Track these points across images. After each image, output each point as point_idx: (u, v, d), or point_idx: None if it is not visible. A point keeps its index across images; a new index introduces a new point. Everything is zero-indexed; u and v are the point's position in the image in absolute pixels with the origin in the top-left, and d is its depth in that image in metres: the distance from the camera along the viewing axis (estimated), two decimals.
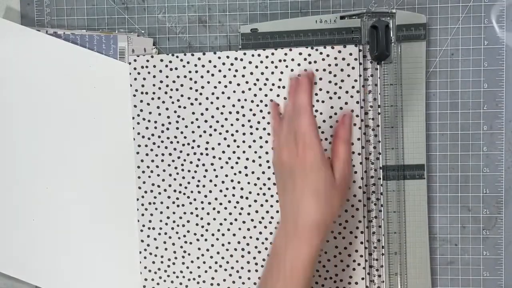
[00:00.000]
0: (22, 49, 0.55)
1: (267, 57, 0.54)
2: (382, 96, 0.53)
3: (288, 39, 0.54)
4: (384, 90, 0.53)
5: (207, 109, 0.55)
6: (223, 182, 0.55)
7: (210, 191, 0.55)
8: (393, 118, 0.53)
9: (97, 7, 0.57)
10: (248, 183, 0.55)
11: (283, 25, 0.54)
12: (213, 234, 0.55)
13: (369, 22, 0.52)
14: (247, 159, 0.55)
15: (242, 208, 0.55)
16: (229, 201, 0.55)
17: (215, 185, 0.55)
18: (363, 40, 0.53)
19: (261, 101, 0.54)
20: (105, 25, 0.57)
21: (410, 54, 0.53)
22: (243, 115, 0.54)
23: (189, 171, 0.55)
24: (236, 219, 0.55)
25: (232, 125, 0.55)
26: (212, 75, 0.54)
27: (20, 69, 0.55)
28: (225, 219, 0.55)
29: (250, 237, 0.55)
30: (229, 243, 0.55)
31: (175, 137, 0.55)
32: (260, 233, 0.55)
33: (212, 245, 0.55)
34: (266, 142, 0.54)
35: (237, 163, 0.55)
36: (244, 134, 0.55)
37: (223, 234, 0.55)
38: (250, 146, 0.55)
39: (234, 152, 0.55)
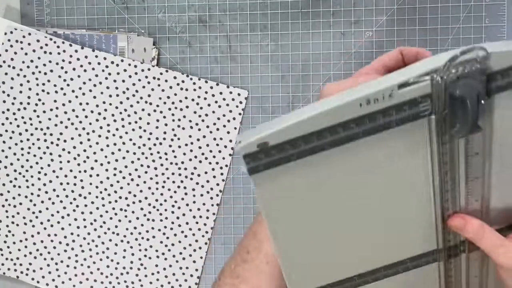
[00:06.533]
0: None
1: (142, 70, 0.54)
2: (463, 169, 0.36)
3: (320, 141, 0.32)
4: (467, 162, 0.36)
5: (70, 101, 0.55)
6: (65, 176, 0.55)
7: (51, 181, 0.55)
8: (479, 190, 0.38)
9: (97, 7, 0.56)
10: (91, 184, 0.55)
11: (311, 124, 0.31)
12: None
13: (444, 82, 0.30)
14: (96, 161, 0.55)
15: (77, 206, 0.55)
16: (67, 196, 0.55)
17: (57, 176, 0.55)
18: (438, 111, 0.32)
19: (125, 110, 0.55)
20: (105, 24, 0.56)
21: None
22: (104, 118, 0.55)
23: (34, 155, 0.55)
24: (69, 214, 0.56)
25: (90, 124, 0.55)
26: (85, 70, 0.54)
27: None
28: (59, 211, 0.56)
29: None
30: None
31: (30, 118, 0.55)
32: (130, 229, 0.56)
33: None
34: (119, 150, 0.55)
35: (85, 161, 0.55)
36: (99, 136, 0.55)
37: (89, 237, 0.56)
38: (102, 149, 0.55)
39: (85, 151, 0.55)
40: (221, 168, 0.55)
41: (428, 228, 0.39)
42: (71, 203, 0.56)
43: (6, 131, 0.55)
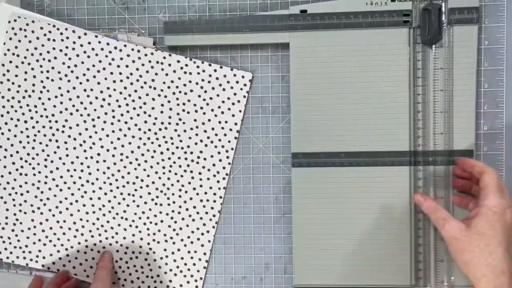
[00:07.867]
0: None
1: (146, 55, 0.54)
2: (432, 80, 0.52)
3: (337, 21, 0.52)
4: (434, 74, 0.52)
5: (74, 88, 0.55)
6: (72, 162, 0.55)
7: (57, 168, 0.55)
8: (443, 102, 0.52)
9: (97, 7, 0.56)
10: (97, 169, 0.56)
11: (332, 6, 0.52)
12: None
13: (421, 4, 0.52)
14: (102, 146, 0.55)
15: (85, 192, 0.56)
16: (74, 182, 0.56)
17: (64, 163, 0.55)
18: (415, 23, 0.52)
19: (129, 95, 0.55)
20: (105, 25, 0.56)
21: (462, 38, 0.52)
22: (109, 104, 0.55)
23: (40, 143, 0.55)
24: (77, 201, 0.56)
25: (95, 110, 0.55)
26: (88, 57, 0.54)
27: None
28: (68, 197, 0.56)
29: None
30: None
31: (35, 106, 0.55)
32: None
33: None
34: (125, 135, 0.55)
35: (91, 148, 0.55)
36: (105, 122, 0.55)
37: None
38: (107, 135, 0.55)
39: (90, 137, 0.55)
40: (226, 151, 0.55)
41: (405, 128, 0.53)
42: (78, 189, 0.56)
43: (12, 119, 0.55)
